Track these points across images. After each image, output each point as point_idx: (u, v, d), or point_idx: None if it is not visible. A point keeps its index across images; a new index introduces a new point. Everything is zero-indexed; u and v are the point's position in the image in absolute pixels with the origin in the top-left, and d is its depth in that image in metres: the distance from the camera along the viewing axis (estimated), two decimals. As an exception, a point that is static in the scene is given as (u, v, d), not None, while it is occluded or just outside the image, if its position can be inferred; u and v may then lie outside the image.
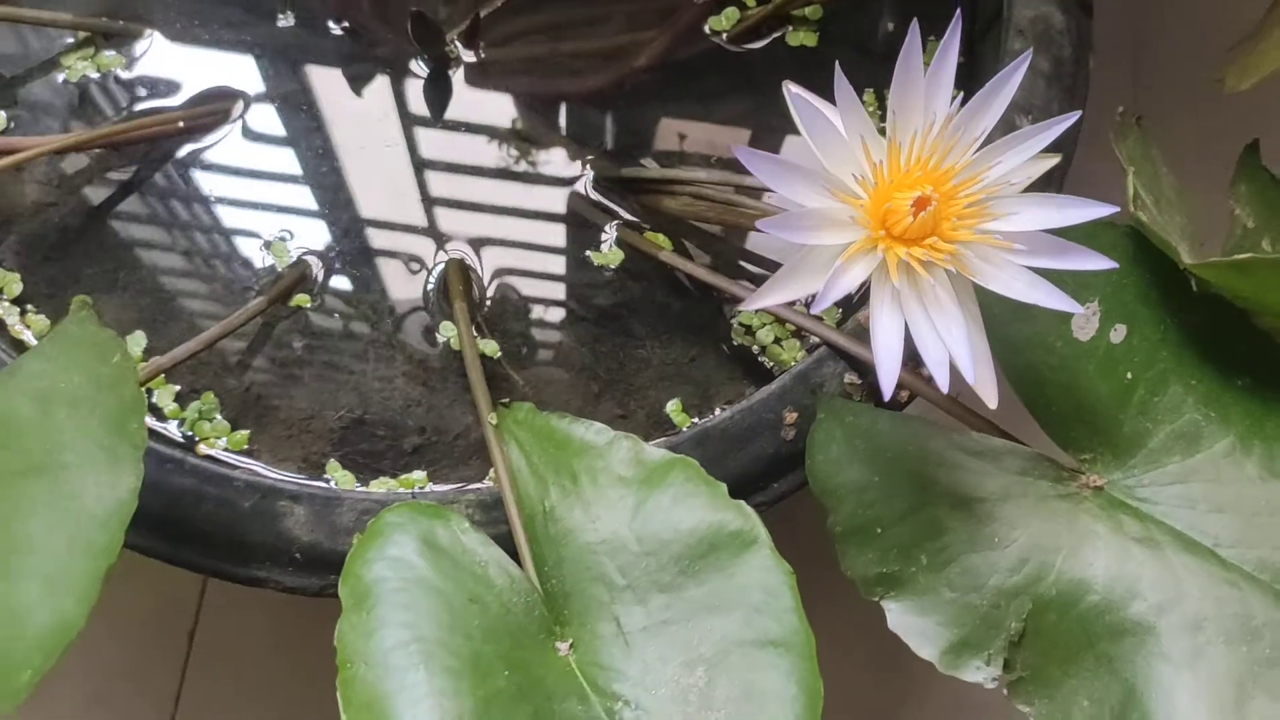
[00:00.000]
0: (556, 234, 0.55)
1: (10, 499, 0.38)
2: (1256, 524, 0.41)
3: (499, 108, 0.57)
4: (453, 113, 0.57)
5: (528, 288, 0.54)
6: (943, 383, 0.36)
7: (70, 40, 0.56)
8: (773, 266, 0.55)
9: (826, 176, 0.37)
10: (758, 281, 0.54)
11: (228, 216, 0.54)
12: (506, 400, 0.47)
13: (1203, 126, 0.60)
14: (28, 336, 0.51)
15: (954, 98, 0.38)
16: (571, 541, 0.41)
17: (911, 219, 0.37)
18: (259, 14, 0.58)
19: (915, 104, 0.37)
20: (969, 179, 0.37)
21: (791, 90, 0.39)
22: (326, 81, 0.57)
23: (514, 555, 0.42)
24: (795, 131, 0.38)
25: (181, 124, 0.54)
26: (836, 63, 0.36)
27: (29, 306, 0.52)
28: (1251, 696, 0.38)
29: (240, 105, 0.56)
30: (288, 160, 0.55)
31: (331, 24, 0.57)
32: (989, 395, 0.38)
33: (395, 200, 0.55)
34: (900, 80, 0.37)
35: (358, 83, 0.57)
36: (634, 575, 0.40)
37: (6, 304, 0.52)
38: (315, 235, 0.54)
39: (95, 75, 0.56)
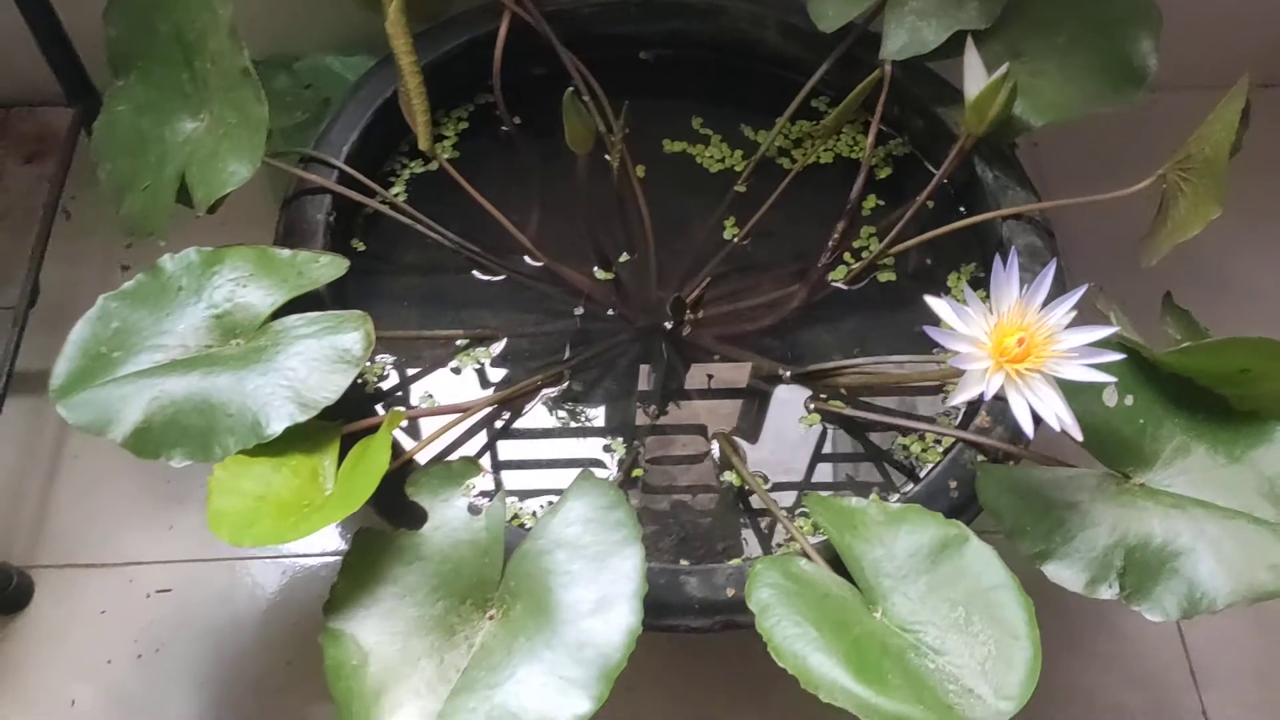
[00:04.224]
0: (777, 411, 0.84)
1: (565, 575, 0.65)
2: (1230, 487, 0.70)
3: (716, 343, 0.88)
4: (692, 353, 0.87)
5: (770, 444, 0.83)
6: (1055, 428, 0.65)
7: (458, 345, 0.86)
8: (899, 399, 0.84)
9: (969, 338, 0.67)
10: (903, 414, 0.83)
11: (578, 434, 0.83)
12: (792, 479, 0.75)
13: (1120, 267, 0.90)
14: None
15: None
16: (865, 557, 0.68)
17: (1018, 349, 0.66)
18: (560, 314, 0.88)
19: (1004, 294, 0.68)
20: (1041, 325, 0.67)
21: (937, 302, 0.68)
22: (613, 343, 0.87)
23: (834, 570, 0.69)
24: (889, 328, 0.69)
25: (540, 382, 0.83)
26: (967, 286, 0.67)
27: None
28: (1249, 563, 0.66)
29: (567, 369, 0.85)
30: (606, 396, 0.85)
31: (610, 311, 0.88)
32: (1078, 434, 0.66)
33: (676, 406, 0.84)
34: (995, 283, 0.67)
35: (632, 342, 0.87)
36: (906, 569, 0.67)
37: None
38: (632, 435, 0.82)
39: (473, 364, 0.85)
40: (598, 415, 0.84)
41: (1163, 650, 0.94)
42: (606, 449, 0.82)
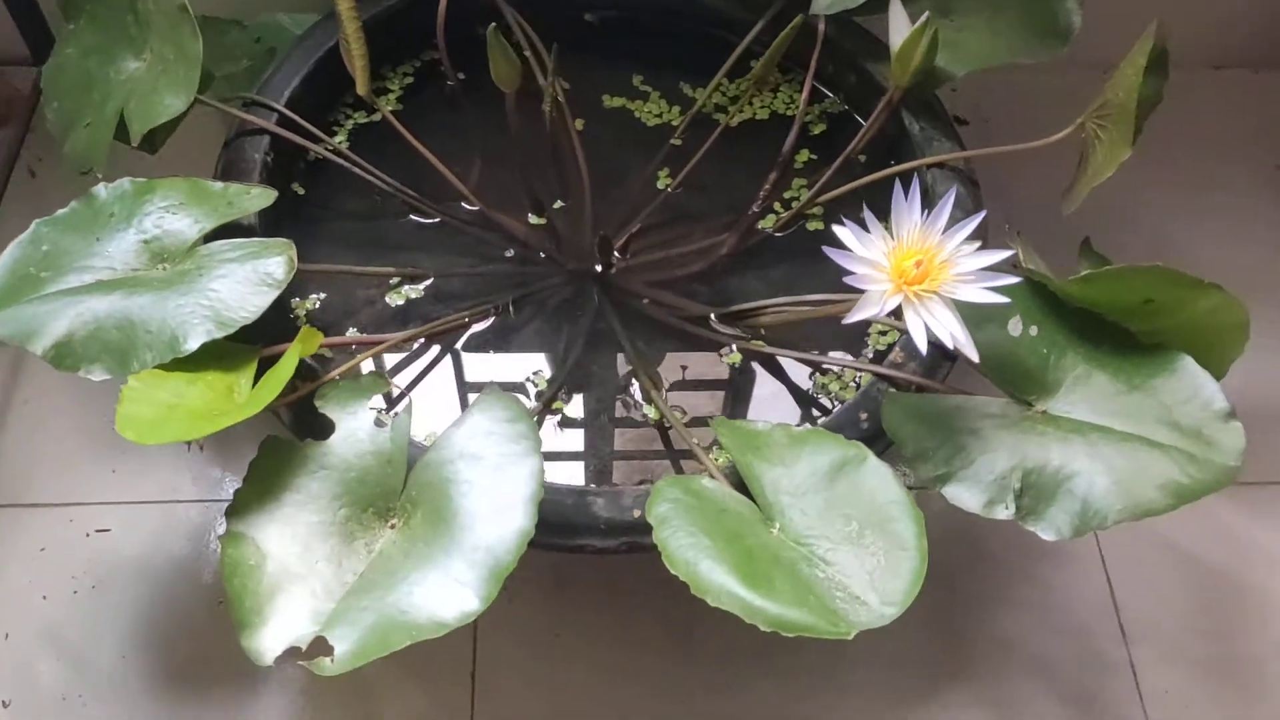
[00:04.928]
0: (701, 351, 0.85)
1: (465, 483, 0.66)
2: (1129, 413, 0.71)
3: (646, 287, 0.89)
4: (622, 297, 0.88)
5: (692, 382, 0.84)
6: (950, 346, 0.66)
7: (391, 283, 0.87)
8: (822, 342, 0.85)
9: (868, 260, 0.68)
10: (816, 348, 0.84)
11: (501, 369, 0.84)
12: (712, 415, 0.76)
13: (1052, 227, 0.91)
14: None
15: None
16: (765, 476, 0.69)
17: (915, 272, 0.68)
18: (494, 258, 0.90)
19: (904, 219, 0.69)
20: (940, 249, 0.68)
21: (843, 226, 0.70)
22: (543, 285, 0.89)
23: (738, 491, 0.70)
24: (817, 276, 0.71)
25: (467, 319, 0.85)
26: (865, 205, 0.68)
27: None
28: (1140, 482, 0.67)
29: (496, 307, 0.87)
30: (533, 335, 0.86)
31: (542, 254, 0.90)
32: (973, 355, 0.68)
33: (603, 345, 0.86)
34: (896, 210, 0.69)
35: (561, 284, 0.89)
36: (805, 487, 0.68)
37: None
38: (556, 370, 0.84)
39: (403, 301, 0.87)
40: (524, 352, 0.86)
41: (1092, 604, 0.94)
42: (529, 382, 0.83)
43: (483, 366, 0.85)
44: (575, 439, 0.81)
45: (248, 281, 0.73)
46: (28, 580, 0.92)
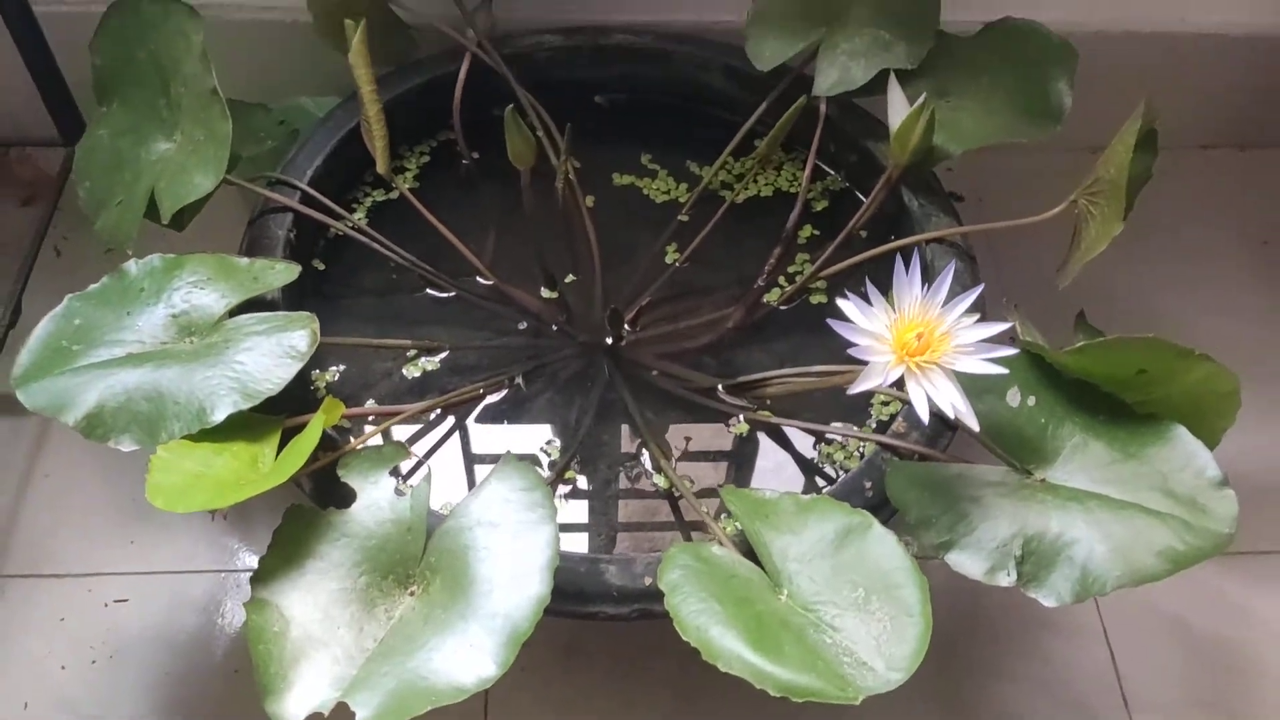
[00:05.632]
0: (709, 421, 0.88)
1: (483, 550, 0.68)
2: (1125, 481, 0.73)
3: (655, 359, 0.92)
4: (632, 369, 0.91)
5: (700, 452, 0.86)
6: (952, 416, 0.69)
7: (408, 355, 0.90)
8: (826, 412, 0.88)
9: (871, 333, 0.71)
10: (821, 418, 0.87)
11: (515, 440, 0.87)
12: (720, 484, 0.78)
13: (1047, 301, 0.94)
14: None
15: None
16: (774, 543, 0.71)
17: (917, 344, 0.70)
18: (505, 330, 0.93)
19: (906, 293, 0.72)
20: (940, 321, 0.71)
21: (847, 299, 0.73)
22: (555, 357, 0.91)
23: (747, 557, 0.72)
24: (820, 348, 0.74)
25: (482, 391, 0.88)
26: (867, 278, 0.72)
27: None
28: (1137, 549, 0.69)
29: (510, 379, 0.89)
30: (546, 406, 0.89)
31: (554, 327, 0.93)
32: (974, 424, 0.70)
33: (614, 416, 0.88)
34: (897, 284, 0.72)
35: (573, 356, 0.92)
36: (811, 554, 0.70)
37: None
38: (568, 440, 0.86)
39: (419, 373, 0.89)
40: (537, 422, 0.88)
41: (1094, 676, 0.95)
42: (542, 452, 0.86)
43: (497, 437, 0.87)
44: (587, 508, 0.84)
45: (273, 354, 0.76)
46: (47, 650, 0.93)
